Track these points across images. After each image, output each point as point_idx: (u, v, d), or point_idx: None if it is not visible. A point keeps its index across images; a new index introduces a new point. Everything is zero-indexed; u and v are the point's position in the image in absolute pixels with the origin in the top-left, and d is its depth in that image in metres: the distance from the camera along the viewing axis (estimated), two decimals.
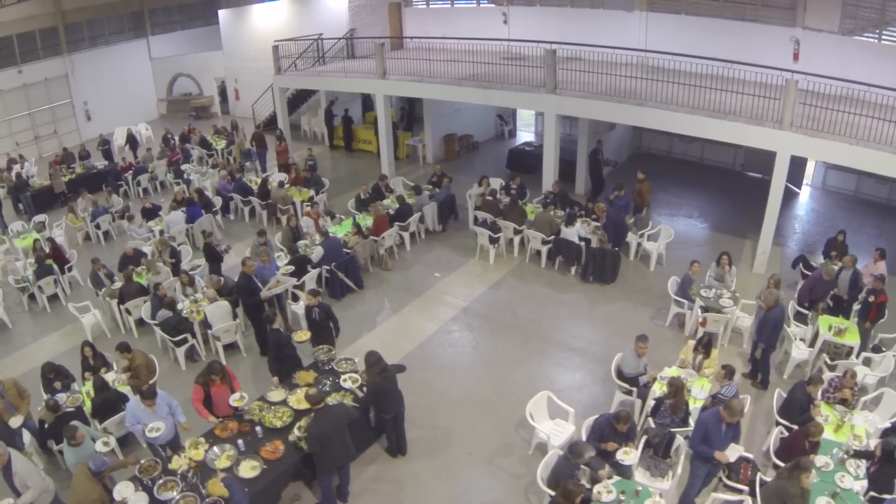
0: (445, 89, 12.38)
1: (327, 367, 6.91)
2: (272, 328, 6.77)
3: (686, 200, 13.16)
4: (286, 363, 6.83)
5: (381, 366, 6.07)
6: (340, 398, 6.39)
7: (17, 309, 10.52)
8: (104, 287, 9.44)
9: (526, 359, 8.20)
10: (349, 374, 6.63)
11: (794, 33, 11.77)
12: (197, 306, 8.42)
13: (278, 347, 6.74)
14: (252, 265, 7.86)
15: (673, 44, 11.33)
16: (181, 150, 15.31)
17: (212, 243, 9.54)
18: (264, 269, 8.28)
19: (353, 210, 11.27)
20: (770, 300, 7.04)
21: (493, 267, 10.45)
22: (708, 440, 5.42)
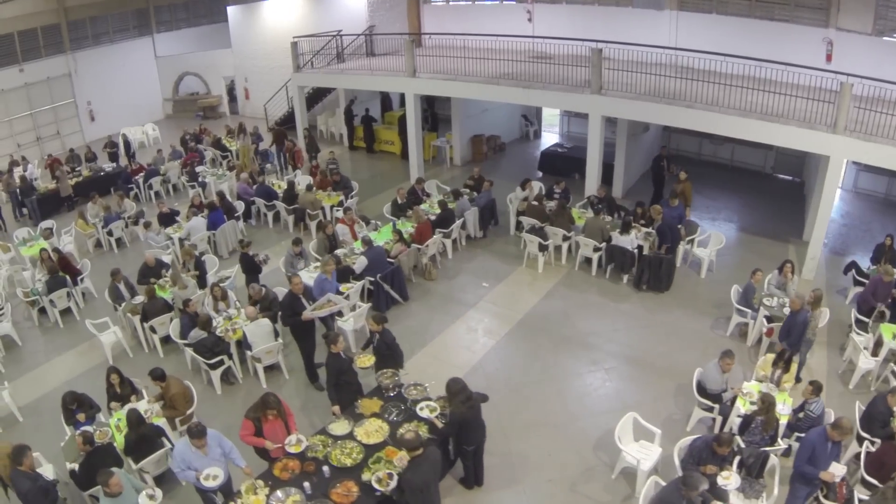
0: (481, 88, 11.63)
1: (392, 392, 6.14)
2: (333, 352, 5.97)
3: (722, 203, 12.57)
4: (346, 390, 6.04)
5: (466, 394, 5.33)
6: (414, 428, 5.64)
7: (26, 324, 9.61)
8: (124, 301, 8.57)
9: (591, 374, 7.62)
10: (426, 403, 5.85)
11: (827, 34, 11.27)
12: (231, 324, 7.58)
13: (338, 373, 5.95)
14: (300, 284, 6.98)
15: (703, 43, 10.78)
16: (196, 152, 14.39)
17: (249, 253, 8.69)
18: (326, 283, 7.39)
19: (390, 215, 10.47)
20: (797, 303, 6.88)
21: (542, 276, 9.76)
22: (814, 460, 5.17)
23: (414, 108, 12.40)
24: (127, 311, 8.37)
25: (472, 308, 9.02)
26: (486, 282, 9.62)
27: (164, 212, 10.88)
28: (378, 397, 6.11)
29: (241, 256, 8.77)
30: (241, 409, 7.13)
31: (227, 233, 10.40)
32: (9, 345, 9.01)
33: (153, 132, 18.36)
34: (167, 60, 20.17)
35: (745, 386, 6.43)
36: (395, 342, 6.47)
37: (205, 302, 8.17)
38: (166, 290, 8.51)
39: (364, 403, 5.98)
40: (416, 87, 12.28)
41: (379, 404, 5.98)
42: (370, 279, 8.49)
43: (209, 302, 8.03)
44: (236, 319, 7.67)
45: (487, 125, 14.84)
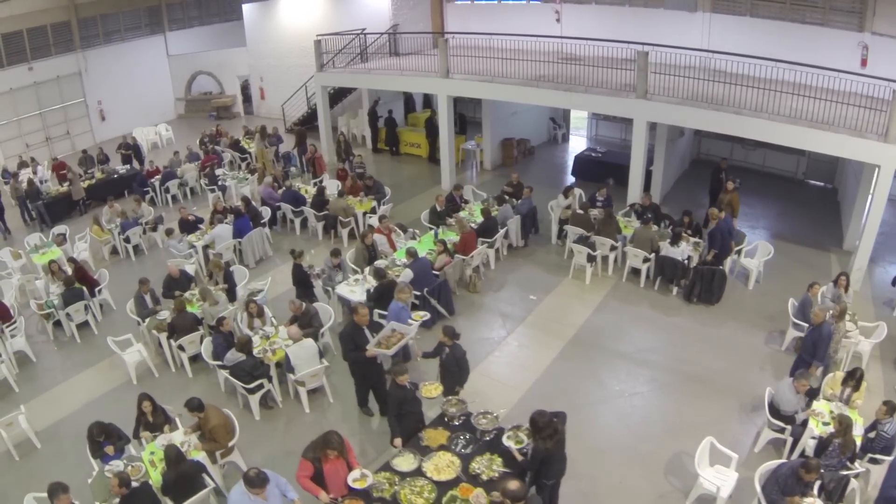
0: (519, 91, 10.99)
1: (458, 421, 5.48)
2: (398, 383, 5.32)
3: (759, 211, 12.03)
4: (408, 420, 5.40)
5: (553, 428, 4.72)
6: (488, 461, 5.00)
7: (40, 338, 8.91)
8: (149, 314, 7.87)
9: (654, 394, 7.12)
10: (512, 434, 5.21)
11: (862, 38, 10.71)
12: (270, 343, 6.89)
13: (401, 403, 5.30)
14: (367, 316, 6.19)
15: (736, 46, 10.28)
16: (214, 154, 13.68)
17: (303, 265, 7.97)
18: (404, 311, 6.62)
19: (428, 224, 9.80)
20: (820, 316, 6.60)
21: (589, 287, 9.16)
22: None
23: (447, 110, 11.74)
24: (152, 328, 7.66)
25: (522, 323, 8.41)
26: (533, 294, 9.02)
27: (186, 218, 10.15)
28: (443, 427, 5.46)
29: (293, 268, 8.02)
30: (282, 436, 6.62)
31: (254, 241, 9.70)
32: (22, 361, 8.31)
33: (166, 133, 17.65)
34: (179, 59, 19.47)
35: (815, 405, 6.13)
36: (464, 357, 5.91)
37: (238, 319, 7.48)
38: (194, 304, 7.82)
39: (429, 434, 5.33)
40: (449, 88, 11.62)
41: (446, 435, 5.33)
42: (416, 293, 7.82)
43: (243, 319, 7.34)
44: (275, 338, 6.98)
45: (517, 128, 14.19)
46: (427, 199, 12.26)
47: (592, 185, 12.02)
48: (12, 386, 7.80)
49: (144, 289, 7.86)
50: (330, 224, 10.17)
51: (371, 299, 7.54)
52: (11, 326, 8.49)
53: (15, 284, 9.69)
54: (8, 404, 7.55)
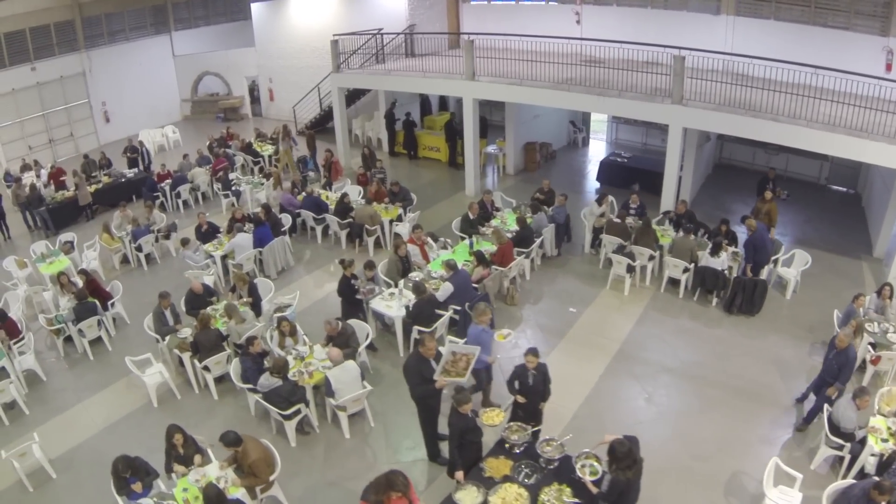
0: (549, 94, 10.51)
1: (519, 449, 5.00)
2: (460, 412, 4.82)
3: (787, 217, 11.55)
4: (468, 450, 4.93)
5: (633, 457, 4.28)
6: (556, 492, 4.54)
7: (49, 354, 8.32)
8: (169, 331, 7.30)
9: (706, 410, 6.78)
10: (586, 464, 4.74)
11: (888, 43, 10.32)
12: (305, 365, 6.35)
13: (462, 433, 4.81)
14: (434, 348, 5.47)
15: (759, 49, 9.89)
16: (225, 157, 13.09)
17: (350, 278, 7.38)
18: (484, 335, 5.95)
19: (460, 232, 9.29)
20: (846, 341, 6.22)
21: (628, 299, 8.75)
22: None
23: (472, 113, 11.23)
24: (173, 347, 7.09)
25: (564, 337, 7.96)
26: (573, 306, 8.57)
27: (203, 226, 9.57)
28: (505, 455, 5.00)
29: (341, 280, 7.41)
30: (322, 465, 6.09)
31: (276, 251, 9.14)
32: (32, 380, 7.73)
33: (174, 135, 17.00)
34: (185, 59, 18.83)
35: (872, 421, 5.85)
36: (548, 373, 5.51)
37: (268, 337, 6.93)
38: (218, 321, 7.25)
39: (491, 464, 4.86)
40: (475, 91, 11.10)
41: (509, 465, 4.87)
42: (455, 308, 7.32)
43: (274, 338, 6.79)
44: (310, 359, 6.44)
45: (538, 132, 13.70)
46: (451, 205, 11.85)
47: (617, 191, 11.79)
48: (22, 408, 7.22)
49: (165, 304, 7.29)
50: (355, 232, 9.61)
51: (410, 316, 7.01)
52: (20, 343, 7.91)
53: (21, 296, 9.09)
54: (18, 428, 7.00)
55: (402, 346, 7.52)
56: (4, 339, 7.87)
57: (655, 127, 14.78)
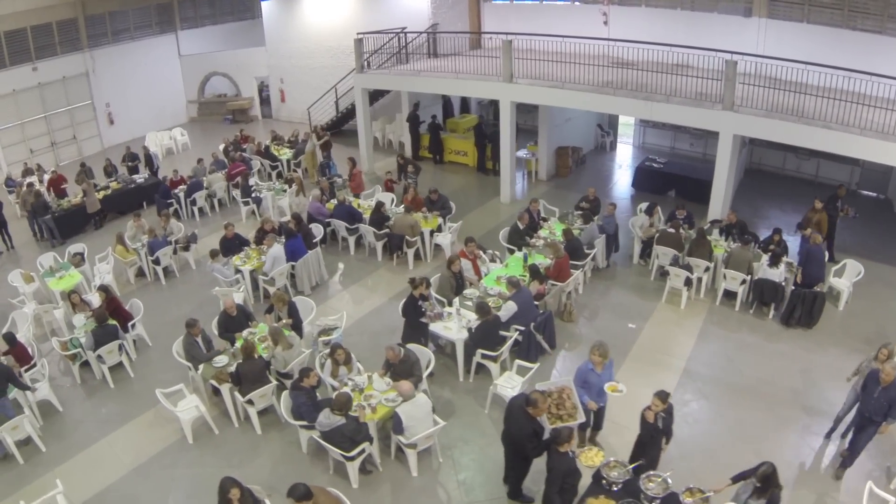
0: (593, 99, 9.85)
1: (617, 486, 4.39)
2: (560, 451, 4.14)
3: None
4: (568, 494, 4.34)
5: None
6: None
7: (64, 380, 7.45)
8: (204, 359, 6.49)
9: (780, 431, 6.32)
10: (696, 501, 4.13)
11: None
12: (366, 398, 5.59)
13: (565, 476, 4.17)
14: (546, 407, 4.78)
15: (791, 52, 9.34)
16: (242, 161, 12.23)
17: (419, 298, 6.60)
18: (591, 374, 5.31)
19: (507, 243, 8.57)
20: (892, 374, 5.42)
21: (685, 312, 8.18)
22: None
23: (510, 117, 10.51)
24: (209, 377, 6.29)
25: (628, 356, 7.32)
26: (631, 322, 7.97)
27: (229, 237, 8.74)
28: (605, 495, 4.39)
29: (407, 300, 6.64)
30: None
31: (310, 265, 8.34)
32: (47, 410, 6.87)
33: (182, 137, 16.05)
34: (192, 59, 17.89)
35: None
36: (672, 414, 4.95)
37: (318, 366, 6.14)
38: (259, 347, 6.46)
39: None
40: (513, 93, 10.38)
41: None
42: (519, 328, 6.62)
43: (325, 366, 6.01)
44: (369, 391, 5.69)
45: (568, 135, 13.03)
46: (485, 213, 11.14)
47: (653, 197, 11.25)
48: (38, 445, 6.37)
49: (195, 332, 6.45)
50: (395, 244, 8.84)
51: (473, 339, 6.30)
52: (31, 370, 7.06)
53: (29, 315, 8.20)
54: (35, 468, 6.15)
55: (462, 372, 6.81)
56: (15, 367, 7.03)
57: (683, 131, 14.21)
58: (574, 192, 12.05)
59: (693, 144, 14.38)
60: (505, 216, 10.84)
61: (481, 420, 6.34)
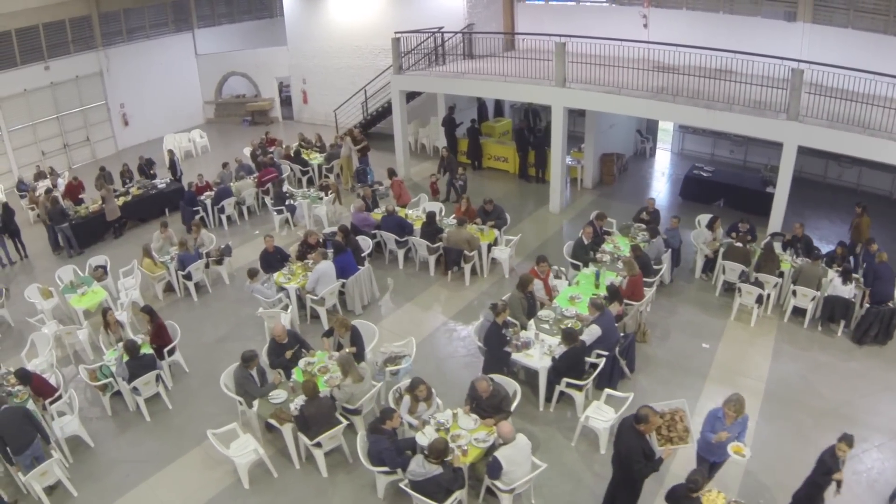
0: (650, 105, 9.15)
1: None
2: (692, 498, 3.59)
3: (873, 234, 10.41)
4: None
5: None
6: None
7: (93, 411, 6.61)
8: (261, 394, 5.65)
9: (866, 453, 5.86)
10: None
11: None
12: (454, 439, 4.78)
13: None
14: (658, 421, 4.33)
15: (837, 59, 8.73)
16: (273, 166, 11.37)
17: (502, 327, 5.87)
18: (719, 422, 4.69)
19: (571, 259, 7.81)
20: None
21: (755, 330, 7.61)
22: None
23: (562, 124, 9.75)
24: (268, 416, 5.45)
25: (707, 378, 6.73)
26: (705, 342, 7.33)
27: (269, 251, 7.89)
28: None
29: (490, 328, 5.84)
30: None
31: (362, 282, 7.52)
32: (76, 446, 6.05)
33: (201, 139, 15.15)
34: (209, 59, 16.98)
35: None
36: None
37: (390, 401, 5.34)
38: (319, 381, 5.63)
39: None
40: (567, 99, 9.62)
41: None
42: (602, 353, 5.91)
43: (403, 402, 5.21)
44: (454, 429, 4.88)
45: (611, 142, 12.29)
46: (535, 224, 10.34)
47: (702, 207, 10.57)
48: (69, 489, 5.54)
49: (251, 365, 5.61)
50: (452, 260, 8.01)
51: (560, 368, 5.55)
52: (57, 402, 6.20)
53: (50, 336, 7.34)
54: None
55: (543, 402, 6.10)
56: (37, 400, 6.17)
57: (724, 137, 13.52)
58: (619, 201, 11.33)
59: (733, 151, 13.69)
60: (556, 227, 10.09)
61: (569, 454, 5.69)
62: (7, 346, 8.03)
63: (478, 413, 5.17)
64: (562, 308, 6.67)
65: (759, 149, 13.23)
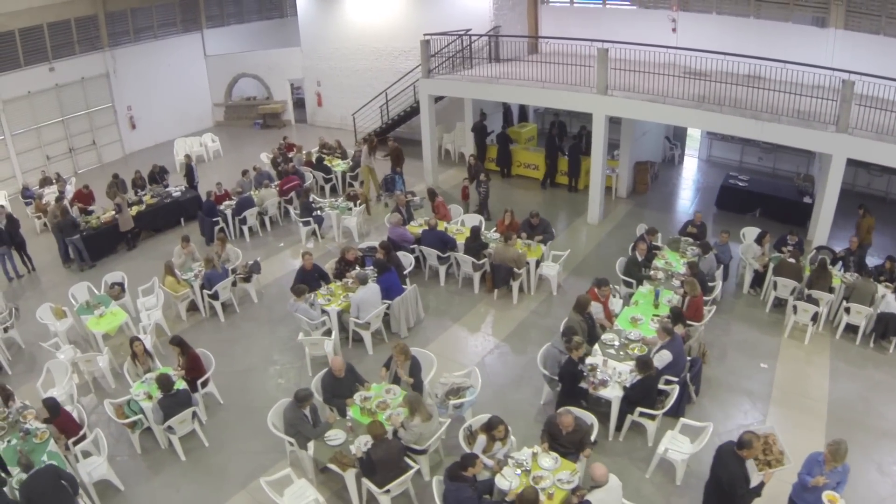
0: (695, 114, 8.66)
1: None
2: None
3: None
4: None
5: None
6: None
7: (119, 448, 5.90)
8: (316, 435, 5.01)
9: None
10: None
11: None
12: (536, 480, 4.19)
13: None
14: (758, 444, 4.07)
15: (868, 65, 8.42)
16: (296, 174, 10.68)
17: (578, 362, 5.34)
18: (817, 466, 4.25)
19: (624, 276, 7.27)
20: None
21: (809, 348, 7.20)
22: None
23: (602, 133, 9.21)
24: (327, 461, 4.79)
25: (771, 401, 6.30)
26: (763, 361, 6.91)
27: (308, 268, 7.20)
28: None
29: (566, 364, 5.27)
30: None
31: (409, 304, 6.90)
32: (104, 489, 5.38)
33: (213, 144, 14.38)
34: (219, 60, 16.21)
35: None
36: None
37: (465, 440, 4.74)
38: (381, 417, 5.04)
39: None
40: (608, 107, 9.08)
41: None
42: (671, 379, 5.44)
43: (479, 442, 4.61)
44: (536, 470, 4.31)
45: (644, 149, 11.78)
46: (575, 236, 9.76)
47: (737, 217, 10.19)
48: None
49: (305, 405, 4.98)
50: (502, 278, 7.38)
51: (633, 397, 5.10)
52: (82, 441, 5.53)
53: (67, 364, 6.62)
54: None
55: (612, 431, 5.60)
56: (60, 438, 5.50)
57: (753, 144, 13.07)
58: (655, 211, 10.82)
59: (761, 158, 13.25)
60: (596, 240, 9.53)
61: (646, 486, 5.22)
62: (18, 372, 7.31)
63: (556, 450, 4.69)
64: (625, 331, 6.15)
65: (787, 156, 12.80)
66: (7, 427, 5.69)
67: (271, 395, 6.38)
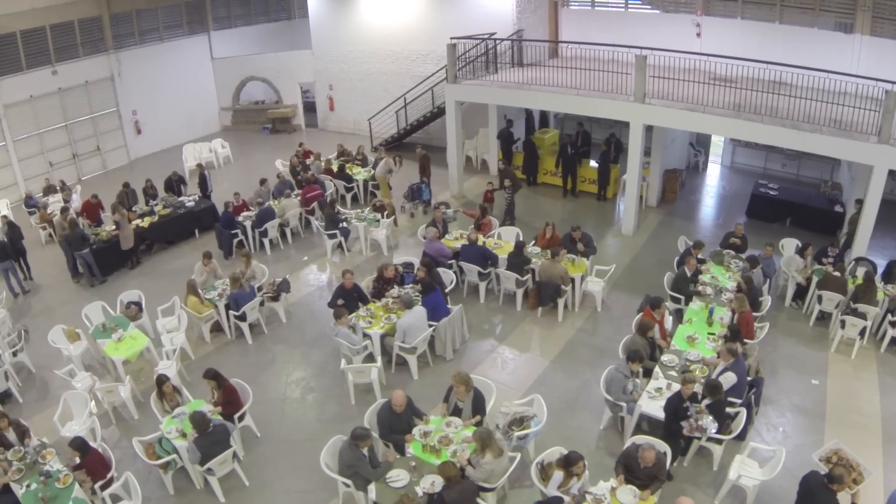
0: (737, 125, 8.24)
1: None
2: None
3: None
4: None
5: None
6: None
7: (149, 489, 5.28)
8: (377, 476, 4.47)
9: None
10: None
11: None
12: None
13: None
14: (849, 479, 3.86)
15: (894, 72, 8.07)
16: (317, 183, 10.09)
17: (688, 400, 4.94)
18: None
19: (672, 291, 6.84)
20: None
21: (857, 363, 6.90)
22: None
23: (638, 141, 8.78)
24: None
25: (825, 419, 6.01)
26: (813, 378, 6.60)
27: (347, 287, 6.63)
28: None
29: (672, 399, 4.80)
30: None
31: (455, 325, 6.38)
32: None
33: (223, 150, 13.70)
34: (226, 63, 15.52)
35: None
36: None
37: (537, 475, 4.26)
38: (444, 454, 4.50)
39: None
40: (646, 115, 8.64)
41: None
42: (734, 401, 5.10)
43: (554, 479, 4.13)
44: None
45: (672, 157, 11.34)
46: (610, 249, 9.27)
47: (767, 226, 9.84)
48: None
49: (364, 445, 4.47)
50: (549, 296, 6.87)
51: None
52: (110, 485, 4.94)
53: (86, 395, 6.00)
54: None
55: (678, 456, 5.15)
56: (85, 482, 4.91)
57: (777, 151, 12.73)
58: (686, 220, 10.40)
59: (785, 165, 12.93)
60: (633, 252, 9.06)
61: None
62: (30, 400, 6.68)
63: (631, 482, 4.33)
64: (683, 351, 5.75)
65: (811, 163, 12.48)
66: (25, 469, 5.10)
67: (313, 427, 5.87)
